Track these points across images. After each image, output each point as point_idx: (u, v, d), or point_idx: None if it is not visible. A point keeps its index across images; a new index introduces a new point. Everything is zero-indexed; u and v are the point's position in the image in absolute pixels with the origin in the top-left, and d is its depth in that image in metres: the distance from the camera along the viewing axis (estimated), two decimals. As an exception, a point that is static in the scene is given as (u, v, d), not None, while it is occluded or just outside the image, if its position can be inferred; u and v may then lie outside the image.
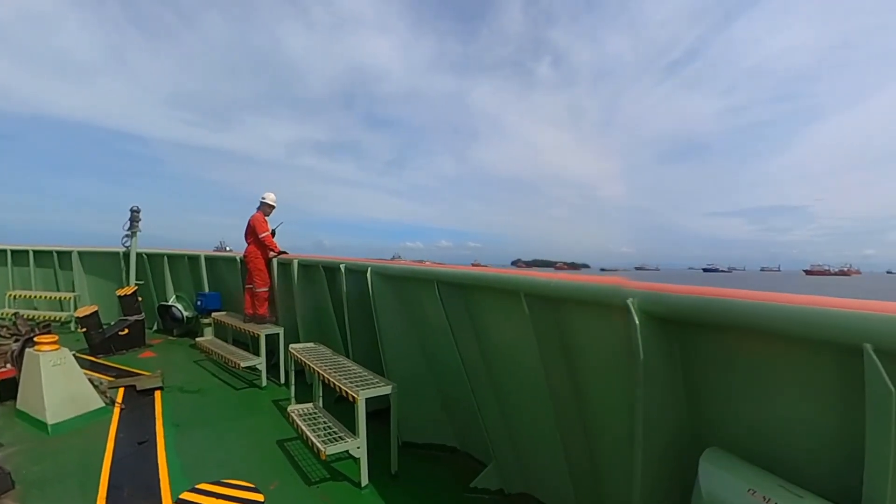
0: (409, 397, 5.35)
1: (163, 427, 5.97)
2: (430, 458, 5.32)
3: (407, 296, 5.60)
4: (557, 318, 3.58)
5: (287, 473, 4.86)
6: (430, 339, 5.41)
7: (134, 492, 4.43)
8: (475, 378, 4.69)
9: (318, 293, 7.45)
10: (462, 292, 4.65)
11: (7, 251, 13.41)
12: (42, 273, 13.33)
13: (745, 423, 2.58)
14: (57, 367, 6.11)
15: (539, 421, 3.98)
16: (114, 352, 9.67)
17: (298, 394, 6.53)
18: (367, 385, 4.82)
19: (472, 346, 4.66)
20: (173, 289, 12.00)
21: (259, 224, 8.51)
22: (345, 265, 6.39)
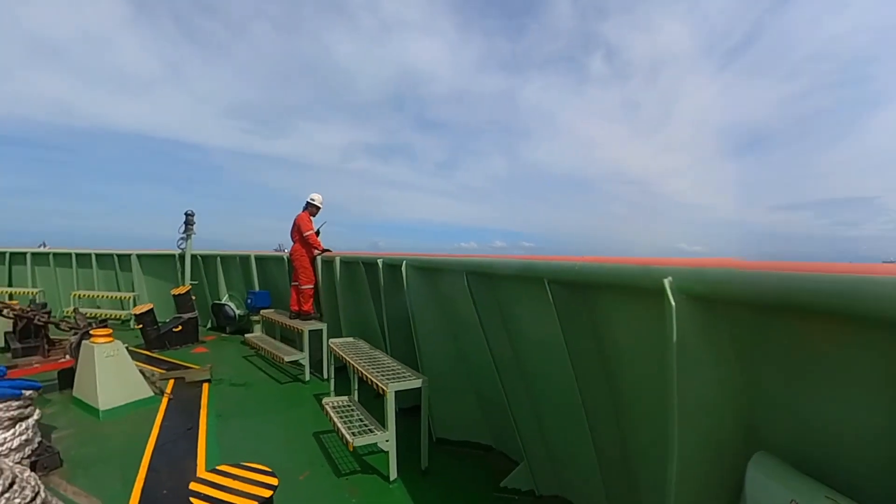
0: (443, 393, 5.31)
1: (206, 417, 6.22)
2: (462, 456, 5.25)
3: (440, 289, 5.55)
4: (586, 307, 3.32)
5: (319, 464, 4.94)
6: (462, 333, 5.32)
7: (171, 474, 4.64)
8: (506, 373, 4.55)
9: (359, 289, 7.57)
10: (490, 282, 4.51)
11: (72, 254, 14.46)
12: (104, 274, 14.20)
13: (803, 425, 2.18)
14: (110, 358, 6.50)
15: (570, 419, 3.71)
16: (168, 347, 10.18)
17: (339, 389, 6.61)
18: (399, 378, 4.80)
19: (502, 339, 4.52)
20: (226, 288, 12.53)
21: (304, 223, 8.77)
22: (382, 260, 6.44)
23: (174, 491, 4.31)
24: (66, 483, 4.43)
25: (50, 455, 4.68)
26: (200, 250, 12.69)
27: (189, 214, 12.17)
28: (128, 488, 4.34)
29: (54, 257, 14.74)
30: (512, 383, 4.50)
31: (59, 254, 14.76)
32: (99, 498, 4.19)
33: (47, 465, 4.59)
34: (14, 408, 4.47)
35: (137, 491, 4.31)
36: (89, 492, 4.28)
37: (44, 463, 4.56)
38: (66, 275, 14.48)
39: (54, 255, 14.79)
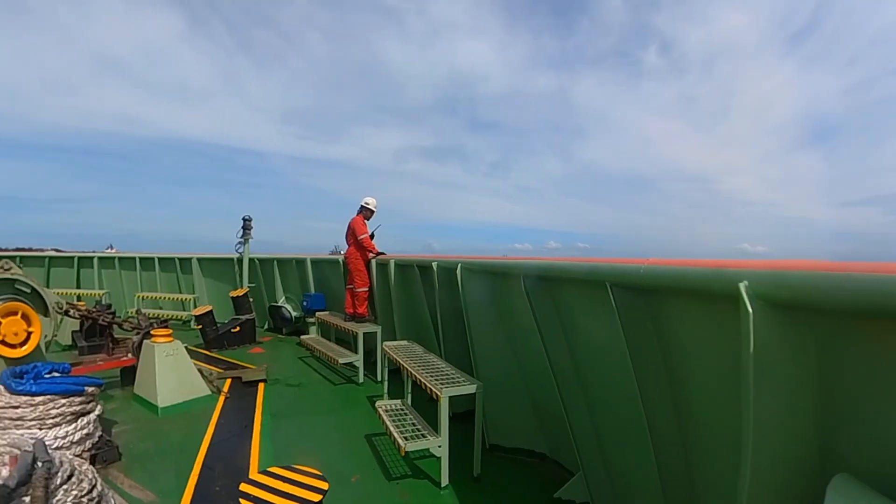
0: (498, 399, 5.17)
1: (261, 416, 6.29)
2: (516, 464, 5.10)
3: (496, 292, 5.42)
4: (651, 312, 3.15)
5: (370, 467, 4.90)
6: (519, 337, 5.19)
7: (224, 472, 4.69)
8: (563, 380, 4.37)
9: (414, 292, 7.56)
10: (548, 285, 4.34)
11: (136, 258, 15.21)
12: (166, 277, 14.87)
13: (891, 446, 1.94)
14: (169, 357, 6.71)
15: (631, 431, 3.52)
16: (226, 347, 10.47)
17: (392, 391, 6.59)
18: (453, 383, 4.71)
19: (560, 345, 4.34)
20: (282, 290, 12.86)
21: (358, 226, 8.86)
22: (437, 263, 6.39)
23: (226, 488, 4.34)
24: (124, 476, 4.54)
25: (109, 449, 4.83)
26: (257, 254, 13.06)
27: (246, 220, 12.54)
28: (182, 484, 4.40)
29: (120, 261, 15.57)
30: (569, 391, 4.33)
31: (125, 258, 15.59)
32: (154, 492, 4.26)
33: (106, 459, 4.73)
34: (77, 403, 4.61)
35: (191, 487, 4.36)
36: (145, 486, 4.36)
37: (103, 456, 4.70)
38: (131, 277, 15.24)
39: (120, 259, 15.64)
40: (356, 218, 8.95)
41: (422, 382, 4.85)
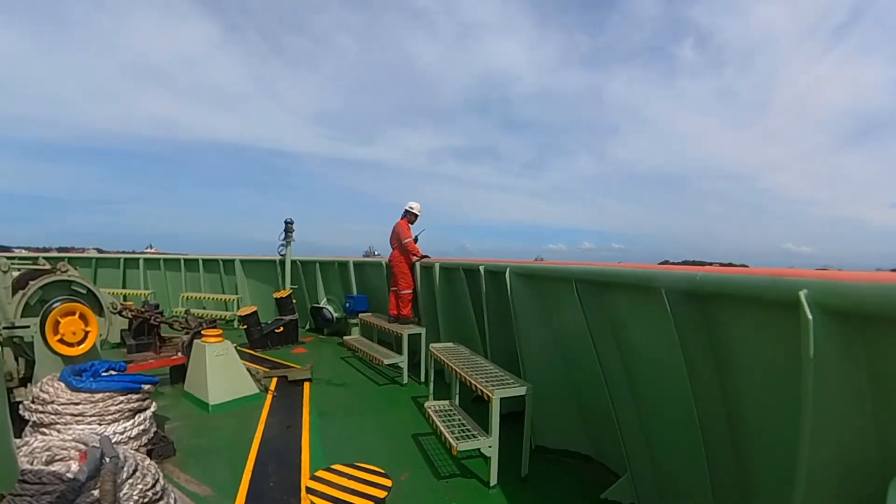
0: (544, 400, 5.20)
1: (309, 414, 6.41)
2: (561, 465, 5.12)
3: (545, 296, 5.46)
4: (706, 319, 3.20)
5: (418, 466, 4.95)
6: (567, 341, 5.22)
7: (277, 468, 4.78)
8: (613, 384, 4.39)
9: (459, 295, 7.64)
10: (600, 291, 4.39)
11: (181, 259, 15.78)
12: (210, 278, 15.31)
13: None
14: (220, 357, 6.88)
15: (682, 435, 3.55)
16: (270, 346, 10.71)
17: (437, 392, 6.64)
18: (503, 385, 4.75)
19: (610, 349, 4.38)
20: (324, 292, 13.11)
21: (403, 231, 9.00)
22: (484, 267, 6.46)
23: (280, 484, 4.42)
24: (179, 471, 4.67)
25: (165, 444, 4.98)
26: (299, 256, 13.33)
27: (288, 222, 12.82)
28: (236, 479, 4.50)
29: (164, 262, 16.16)
30: (619, 393, 4.36)
31: (169, 259, 16.20)
32: (209, 486, 4.36)
33: (162, 454, 4.86)
34: (134, 400, 4.76)
35: (245, 482, 4.46)
36: (200, 480, 4.47)
37: (159, 451, 4.84)
38: (175, 278, 15.79)
39: (165, 260, 16.25)
40: (401, 222, 9.10)
41: (472, 384, 4.89)
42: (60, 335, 5.64)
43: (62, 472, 3.16)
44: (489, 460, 4.58)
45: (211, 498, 4.18)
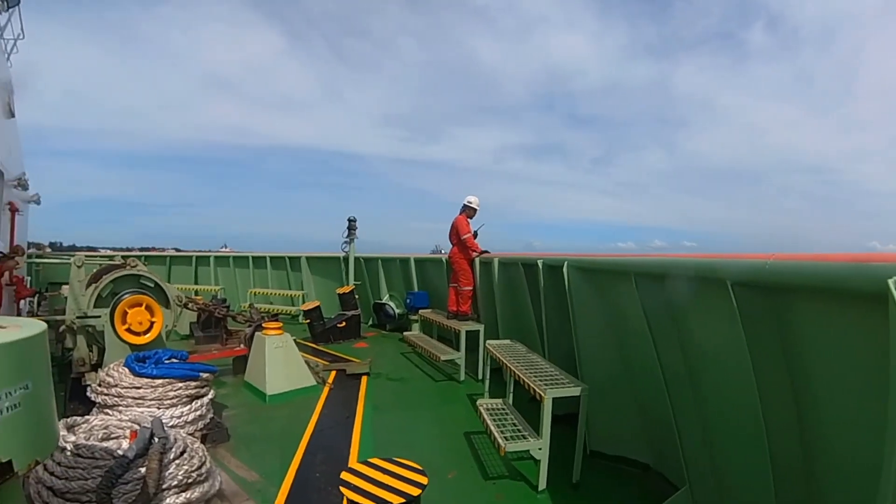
0: (602, 403, 4.98)
1: (363, 408, 6.52)
2: (616, 473, 4.88)
3: (605, 291, 5.23)
4: (776, 313, 2.89)
5: (467, 465, 4.90)
6: (627, 340, 4.97)
7: (324, 459, 4.90)
8: (675, 387, 4.14)
9: (518, 290, 7.51)
10: (661, 285, 4.09)
11: (249, 257, 16.64)
12: (277, 274, 16.00)
13: None
14: (279, 349, 7.13)
15: (747, 446, 3.26)
16: (332, 341, 11.02)
17: (493, 390, 6.59)
18: (557, 384, 4.61)
19: (672, 348, 4.11)
20: (386, 288, 13.35)
21: (461, 226, 8.97)
22: (543, 261, 6.32)
23: (326, 475, 4.51)
24: (231, 456, 4.87)
25: (219, 430, 5.22)
26: (362, 253, 13.65)
27: (351, 220, 13.18)
28: (284, 467, 4.65)
29: (234, 260, 17.09)
30: (681, 399, 4.09)
31: (238, 256, 17.12)
32: (257, 473, 4.52)
33: (216, 439, 5.10)
34: (192, 387, 5.01)
35: (292, 471, 4.59)
36: (250, 466, 4.65)
37: (213, 437, 5.07)
38: (244, 275, 16.60)
39: (234, 258, 17.17)
40: (459, 218, 9.07)
41: (525, 382, 4.80)
42: (128, 325, 6.05)
43: (113, 449, 3.37)
44: (539, 463, 4.46)
45: (257, 483, 4.33)
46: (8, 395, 1.76)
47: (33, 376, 1.91)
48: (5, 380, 1.77)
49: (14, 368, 1.82)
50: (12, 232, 11.94)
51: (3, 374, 1.77)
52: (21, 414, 1.82)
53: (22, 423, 1.83)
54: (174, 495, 3.24)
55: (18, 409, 1.80)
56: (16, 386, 1.80)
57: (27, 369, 1.88)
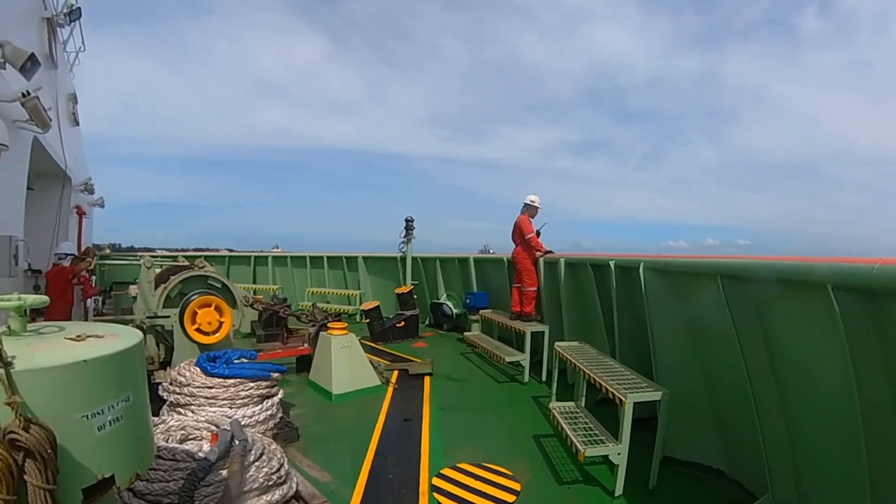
0: (677, 407, 4.77)
1: (429, 408, 6.46)
2: (692, 479, 4.70)
3: (684, 293, 5.05)
4: (879, 322, 2.73)
5: (540, 469, 4.78)
6: (707, 343, 4.80)
7: (396, 460, 4.84)
8: (759, 394, 3.95)
9: (585, 291, 7.32)
10: (748, 287, 3.94)
11: (306, 257, 16.96)
12: (333, 274, 16.24)
13: None
14: (344, 349, 7.16)
15: (841, 459, 3.09)
16: (391, 340, 11.03)
17: (559, 393, 6.39)
18: (636, 388, 4.47)
19: (759, 354, 3.92)
20: (444, 288, 13.29)
21: (525, 225, 8.78)
22: (614, 262, 6.16)
23: (399, 478, 4.46)
24: (302, 456, 4.88)
25: (290, 430, 5.24)
26: (419, 253, 13.66)
27: (409, 220, 13.22)
28: (356, 468, 4.62)
29: (291, 259, 17.46)
30: (765, 405, 3.91)
31: (296, 256, 17.44)
32: (330, 473, 4.51)
33: (286, 438, 5.11)
34: (263, 387, 5.05)
35: (365, 472, 4.56)
36: (321, 467, 4.64)
37: (283, 436, 5.09)
38: (301, 274, 16.98)
39: (291, 257, 17.52)
40: (522, 217, 8.88)
41: (602, 386, 4.64)
42: (197, 325, 6.16)
43: (194, 451, 3.37)
44: (616, 468, 4.33)
45: (331, 484, 4.30)
46: (111, 409, 1.73)
47: (133, 388, 1.88)
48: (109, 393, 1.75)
49: (117, 380, 1.79)
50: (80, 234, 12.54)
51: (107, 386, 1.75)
52: (123, 427, 1.79)
53: (124, 436, 1.80)
54: (255, 498, 3.22)
55: (121, 423, 1.78)
56: (119, 399, 1.78)
57: (128, 381, 1.86)
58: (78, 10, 9.60)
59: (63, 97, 10.11)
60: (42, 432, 1.51)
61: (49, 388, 1.61)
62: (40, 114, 5.81)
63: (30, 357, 1.64)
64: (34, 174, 8.67)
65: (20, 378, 1.56)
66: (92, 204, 14.46)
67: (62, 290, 7.82)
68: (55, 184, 9.96)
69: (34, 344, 1.79)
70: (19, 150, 6.46)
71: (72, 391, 1.65)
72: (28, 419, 1.50)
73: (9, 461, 1.45)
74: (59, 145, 8.73)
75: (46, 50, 8.11)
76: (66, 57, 10.96)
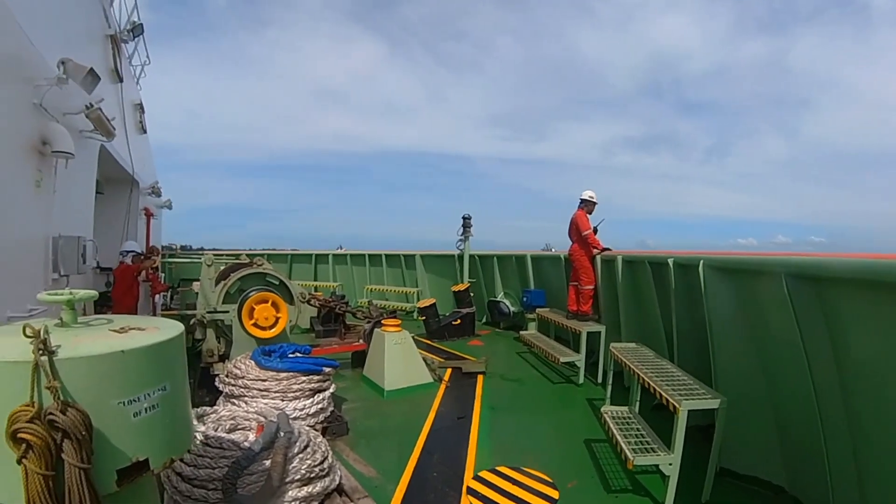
0: (736, 416, 4.51)
1: (480, 408, 6.46)
2: (748, 494, 4.42)
3: (746, 293, 4.79)
4: None
5: (588, 475, 4.66)
6: (770, 348, 4.51)
7: (442, 459, 4.86)
8: (825, 405, 3.69)
9: (644, 290, 7.11)
10: (818, 288, 3.67)
11: (365, 255, 17.42)
12: (392, 272, 16.57)
13: None
14: (398, 346, 7.29)
15: None
16: (447, 338, 11.10)
17: (614, 395, 6.23)
18: (692, 395, 4.25)
19: (826, 361, 3.66)
20: (501, 286, 13.22)
21: (581, 222, 8.59)
22: (673, 259, 5.95)
23: (443, 476, 4.49)
24: (349, 450, 4.99)
25: (339, 424, 5.38)
26: (477, 250, 13.69)
27: (466, 218, 13.28)
28: (402, 465, 4.68)
29: (351, 258, 17.96)
30: (832, 418, 3.64)
31: (355, 255, 17.92)
32: (375, 469, 4.59)
33: (336, 432, 5.26)
34: (315, 381, 5.19)
35: (410, 469, 4.61)
36: (367, 462, 4.73)
37: (333, 430, 5.25)
38: (361, 272, 17.45)
39: (351, 256, 18.01)
40: (578, 213, 8.68)
41: (656, 390, 4.46)
42: (254, 320, 6.41)
43: (240, 441, 3.52)
44: (667, 479, 4.12)
45: (375, 479, 4.38)
46: (147, 397, 1.86)
47: (171, 378, 2.00)
48: (145, 382, 1.87)
49: (154, 371, 1.91)
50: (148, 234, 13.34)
51: (144, 376, 1.87)
52: (159, 415, 1.91)
53: (159, 423, 1.92)
54: (296, 489, 3.33)
55: (157, 410, 1.90)
56: (155, 387, 1.90)
57: (166, 371, 1.98)
58: (140, 27, 10.35)
59: (129, 107, 10.78)
60: (78, 415, 1.63)
61: (87, 375, 1.74)
62: (104, 124, 6.25)
63: (74, 346, 1.77)
64: (104, 179, 9.36)
65: (62, 365, 1.68)
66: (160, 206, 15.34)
67: (128, 286, 8.30)
68: (123, 187, 10.66)
69: (81, 335, 1.94)
70: (86, 157, 6.95)
71: (109, 379, 1.78)
72: (66, 403, 1.63)
73: (48, 440, 1.57)
74: (126, 152, 9.35)
75: (111, 65, 8.67)
76: (131, 70, 11.68)
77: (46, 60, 5.08)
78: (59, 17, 5.86)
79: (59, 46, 5.46)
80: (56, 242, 5.45)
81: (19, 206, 4.70)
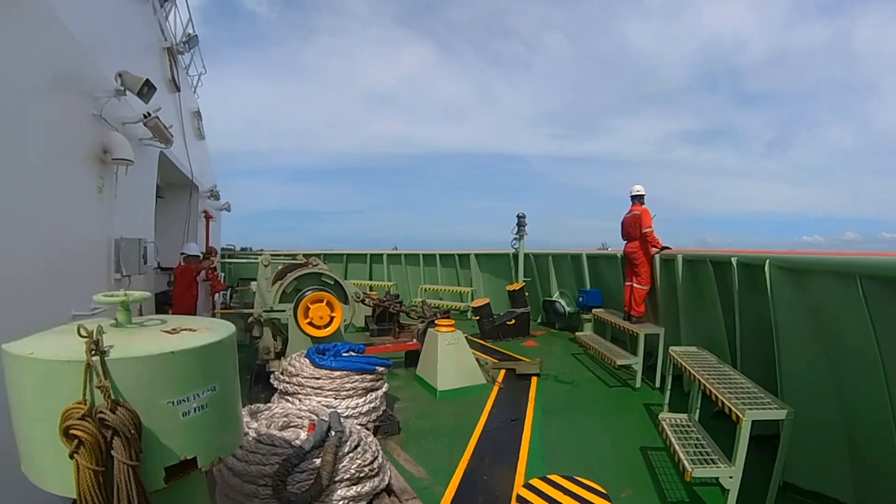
0: (803, 428, 4.24)
1: (533, 410, 6.37)
2: None
3: (817, 296, 4.52)
4: None
5: (644, 485, 4.49)
6: (842, 355, 4.24)
7: (493, 462, 4.81)
8: None
9: (705, 292, 6.83)
10: (893, 290, 3.45)
11: (419, 255, 17.53)
12: (446, 271, 16.60)
13: None
14: (451, 346, 7.29)
15: None
16: (501, 338, 11.00)
17: (673, 401, 6.01)
18: (756, 404, 4.01)
19: None
20: (557, 285, 13.02)
21: (645, 218, 8.14)
22: (737, 258, 5.69)
23: (493, 480, 4.44)
24: (400, 449, 5.02)
25: (391, 423, 5.42)
26: (532, 249, 13.56)
27: (521, 216, 13.20)
28: (452, 466, 4.65)
29: (405, 257, 18.07)
30: None
31: (410, 254, 18.02)
32: (425, 469, 4.59)
33: (387, 431, 5.31)
34: (368, 380, 5.26)
35: (460, 471, 4.58)
36: (418, 461, 4.74)
37: (385, 429, 5.29)
38: (415, 272, 17.55)
39: (405, 255, 18.12)
40: (643, 209, 8.23)
41: (717, 398, 4.25)
42: (310, 319, 6.57)
43: (291, 439, 3.58)
44: (727, 492, 3.91)
45: (425, 480, 4.39)
46: (196, 397, 1.90)
47: (221, 378, 2.04)
48: (195, 382, 1.91)
49: (203, 371, 1.95)
50: (207, 235, 13.91)
51: (193, 376, 1.91)
52: (208, 415, 1.95)
53: (208, 423, 1.96)
54: (345, 488, 3.36)
55: (206, 410, 1.94)
56: (204, 388, 1.94)
57: (215, 372, 2.02)
58: (195, 38, 10.89)
59: (187, 115, 11.26)
60: (127, 414, 1.68)
61: (138, 375, 1.78)
62: (162, 131, 6.55)
63: (125, 347, 1.83)
64: (165, 184, 9.82)
65: (113, 365, 1.74)
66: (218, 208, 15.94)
67: (188, 285, 8.63)
68: (183, 191, 11.16)
69: (134, 335, 2.00)
70: (146, 163, 7.29)
71: (159, 379, 1.82)
72: (116, 401, 1.68)
73: (98, 437, 1.63)
74: (185, 157, 9.81)
75: (168, 75, 9.07)
76: (188, 80, 12.21)
77: (104, 73, 5.34)
78: (117, 33, 6.16)
79: (117, 60, 5.75)
80: (118, 244, 5.71)
81: (83, 210, 4.96)
